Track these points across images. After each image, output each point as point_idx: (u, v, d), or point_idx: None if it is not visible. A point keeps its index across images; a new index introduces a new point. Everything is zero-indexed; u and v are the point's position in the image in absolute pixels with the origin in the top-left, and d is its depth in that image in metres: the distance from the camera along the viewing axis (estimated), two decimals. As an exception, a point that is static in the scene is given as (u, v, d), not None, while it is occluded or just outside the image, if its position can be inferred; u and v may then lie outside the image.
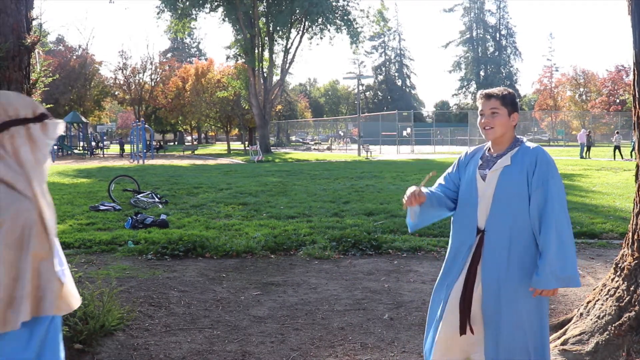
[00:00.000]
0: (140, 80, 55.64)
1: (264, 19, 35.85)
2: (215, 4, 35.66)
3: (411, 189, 2.74)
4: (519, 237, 2.63)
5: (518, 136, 2.78)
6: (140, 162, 28.03)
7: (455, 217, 2.87)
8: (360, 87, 47.87)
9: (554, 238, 2.53)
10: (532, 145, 2.72)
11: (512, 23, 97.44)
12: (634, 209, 3.66)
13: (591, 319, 3.51)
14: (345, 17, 35.40)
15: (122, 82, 55.13)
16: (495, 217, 2.66)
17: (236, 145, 56.39)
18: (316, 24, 35.74)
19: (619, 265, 3.62)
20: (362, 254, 6.50)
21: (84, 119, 41.14)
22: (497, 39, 79.99)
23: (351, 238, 6.79)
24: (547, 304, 2.73)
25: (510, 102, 2.72)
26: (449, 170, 2.94)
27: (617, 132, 29.21)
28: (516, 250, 2.63)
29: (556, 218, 2.55)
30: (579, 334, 3.48)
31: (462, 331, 2.72)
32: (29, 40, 3.79)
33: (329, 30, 36.05)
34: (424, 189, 2.77)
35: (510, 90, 2.79)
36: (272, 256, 6.48)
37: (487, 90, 2.76)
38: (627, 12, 3.61)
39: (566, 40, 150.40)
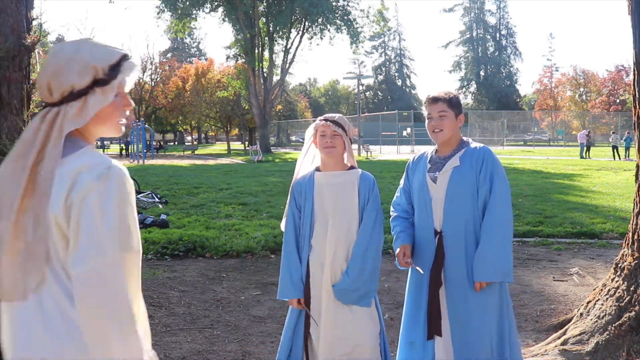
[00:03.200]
0: (140, 80, 55.55)
1: (264, 19, 35.83)
2: (215, 4, 35.65)
3: (400, 255, 2.79)
4: (470, 234, 2.69)
5: (463, 137, 2.85)
6: (140, 162, 28.02)
7: (415, 223, 2.88)
8: (360, 87, 47.84)
9: (495, 233, 2.61)
10: (478, 145, 2.79)
11: (512, 23, 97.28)
12: (634, 209, 3.66)
13: (591, 319, 3.51)
14: (345, 17, 35.38)
15: (122, 82, 55.05)
16: (450, 218, 2.71)
17: (236, 145, 56.38)
18: (316, 24, 35.72)
19: (619, 265, 3.62)
20: (362, 254, 6.50)
21: (84, 119, 41.08)
22: (497, 39, 79.85)
23: (351, 238, 6.78)
24: (509, 297, 2.79)
25: (456, 104, 2.78)
26: (402, 182, 3.00)
27: (614, 132, 29.28)
28: (471, 248, 2.68)
29: (498, 214, 2.63)
30: (579, 334, 3.48)
31: (430, 335, 2.73)
32: (29, 40, 3.79)
33: (329, 30, 36.04)
34: (404, 243, 2.81)
35: (455, 92, 2.84)
36: (272, 256, 6.48)
37: (433, 94, 2.80)
38: (627, 12, 3.61)
39: (566, 40, 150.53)
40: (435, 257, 2.72)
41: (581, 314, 3.68)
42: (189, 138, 71.01)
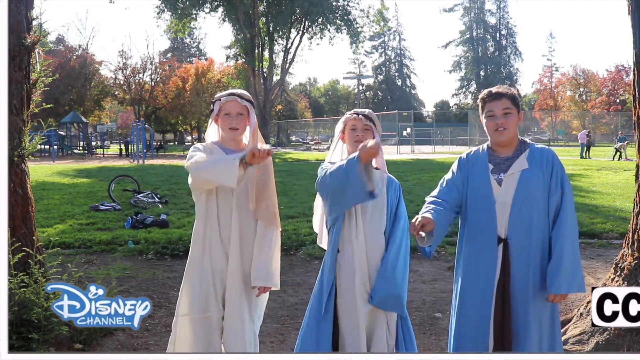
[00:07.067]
0: (140, 80, 55.57)
1: (264, 19, 35.82)
2: (215, 4, 35.63)
3: (415, 223, 2.51)
4: (536, 242, 2.53)
5: (519, 136, 2.68)
6: (140, 162, 28.01)
7: (469, 227, 2.66)
8: (360, 87, 47.84)
9: (568, 243, 2.47)
10: (539, 145, 2.62)
11: (512, 23, 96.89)
12: (634, 209, 3.66)
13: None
14: (346, 17, 35.36)
15: (122, 82, 55.06)
16: (517, 224, 2.52)
17: (236, 145, 56.25)
18: (316, 24, 35.70)
19: (619, 265, 3.62)
20: (362, 254, 6.49)
21: (84, 119, 41.14)
22: (497, 39, 79.87)
23: (351, 238, 6.78)
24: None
25: (518, 101, 2.64)
26: (448, 175, 2.75)
27: (621, 133, 29.40)
28: (535, 256, 2.54)
29: (570, 223, 2.50)
30: (579, 334, 3.48)
31: (499, 347, 2.56)
32: (29, 40, 3.79)
33: (329, 30, 36.02)
34: (428, 215, 2.52)
35: (514, 89, 2.69)
36: (272, 256, 6.47)
37: (496, 89, 2.60)
38: (627, 12, 3.61)
39: (566, 40, 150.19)
40: (503, 267, 2.54)
41: (581, 314, 3.68)
42: (189, 138, 71.00)
